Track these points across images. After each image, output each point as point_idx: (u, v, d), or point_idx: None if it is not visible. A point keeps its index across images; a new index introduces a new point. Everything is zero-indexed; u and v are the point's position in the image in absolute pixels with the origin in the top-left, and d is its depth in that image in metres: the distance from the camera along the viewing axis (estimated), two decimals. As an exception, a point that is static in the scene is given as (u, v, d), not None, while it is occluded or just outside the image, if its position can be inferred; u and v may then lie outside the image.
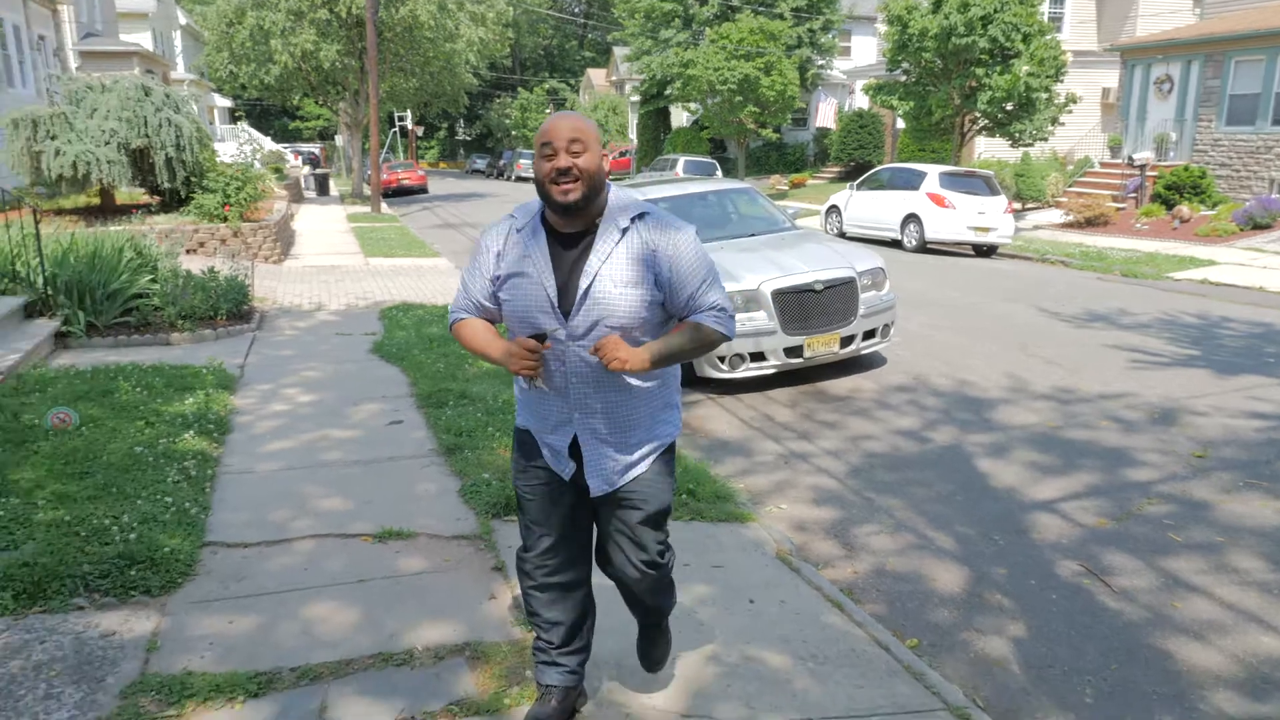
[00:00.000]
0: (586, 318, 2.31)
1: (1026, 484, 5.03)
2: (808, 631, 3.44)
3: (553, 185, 2.25)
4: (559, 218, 2.33)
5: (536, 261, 2.34)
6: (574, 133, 2.25)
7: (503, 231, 2.44)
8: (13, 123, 13.25)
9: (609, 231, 2.33)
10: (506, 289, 2.39)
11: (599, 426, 2.42)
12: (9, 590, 3.27)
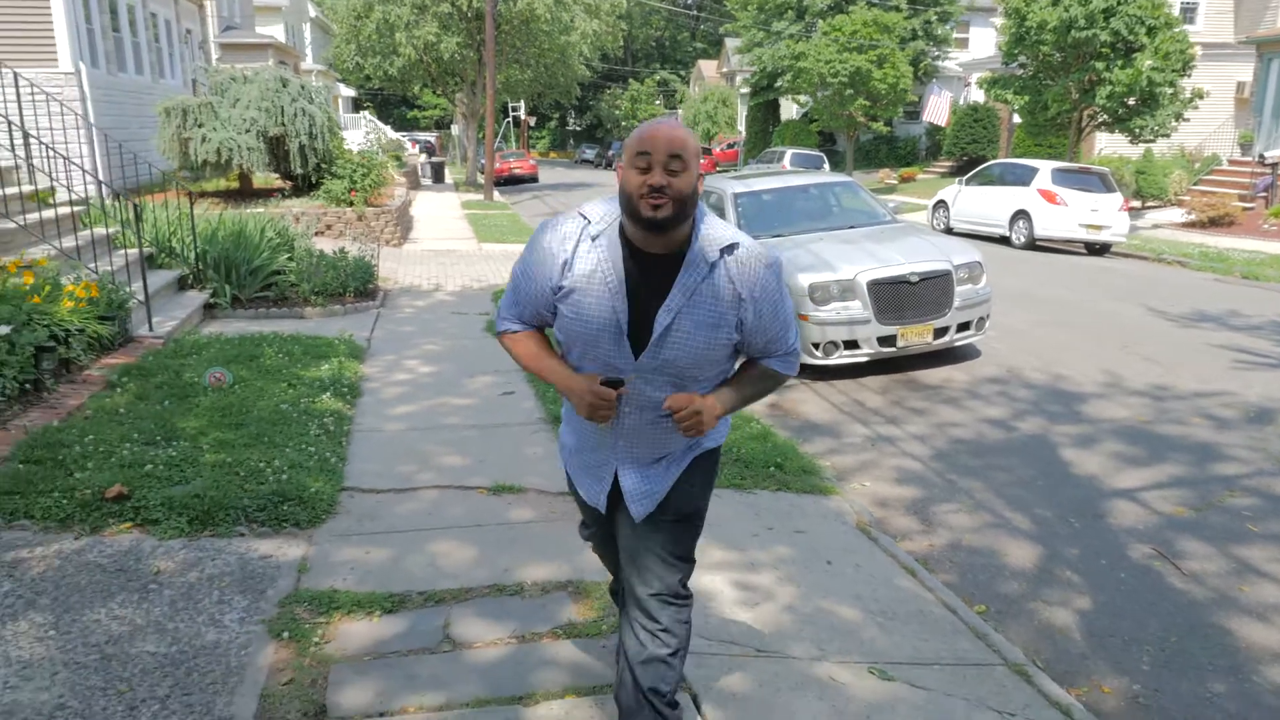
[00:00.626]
0: (659, 355, 2.11)
1: (1109, 473, 5.15)
2: (879, 592, 3.72)
3: (642, 200, 1.99)
4: (642, 234, 2.06)
5: (610, 281, 2.08)
6: (675, 147, 1.99)
7: (572, 235, 2.13)
8: (165, 111, 14.41)
9: (696, 265, 2.08)
10: (570, 304, 2.11)
11: (642, 453, 2.25)
12: (184, 516, 3.83)
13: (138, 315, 6.91)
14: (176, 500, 3.90)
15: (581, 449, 2.35)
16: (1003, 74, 20.20)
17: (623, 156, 2.06)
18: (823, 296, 6.89)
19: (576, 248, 2.11)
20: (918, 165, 33.90)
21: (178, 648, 2.94)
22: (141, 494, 3.94)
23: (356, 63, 31.36)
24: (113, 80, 15.22)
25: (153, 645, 2.94)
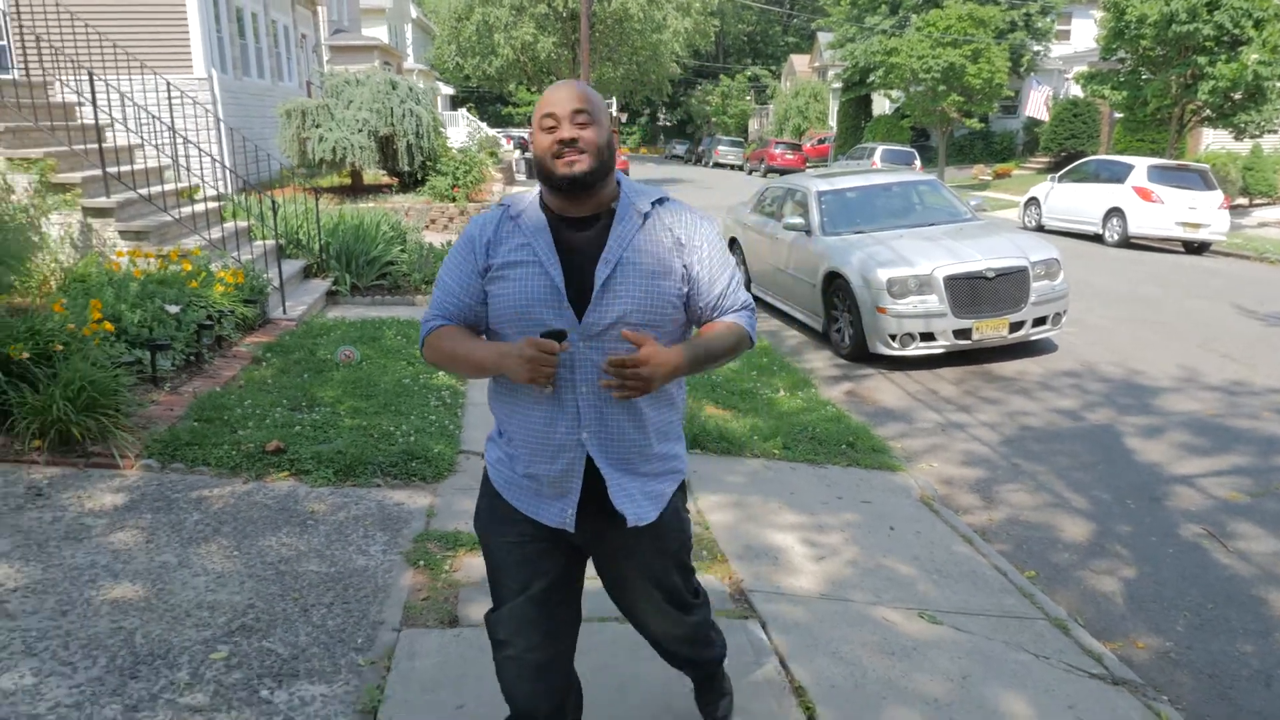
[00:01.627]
0: (605, 314, 1.91)
1: (1171, 461, 5.41)
2: (936, 554, 4.13)
3: (555, 159, 1.89)
4: (563, 200, 1.96)
5: (538, 247, 1.94)
6: (578, 102, 1.91)
7: (492, 219, 2.03)
8: (286, 113, 15.48)
9: (628, 215, 1.97)
10: (499, 282, 1.96)
11: (610, 449, 1.98)
12: (330, 468, 4.48)
13: (273, 300, 7.70)
14: (323, 455, 4.56)
15: (535, 463, 2.00)
16: (1101, 69, 19.89)
17: (531, 131, 2.00)
18: (900, 290, 7.24)
19: (498, 228, 2.00)
20: (1014, 161, 33.31)
21: (335, 569, 3.56)
22: (294, 449, 4.61)
23: (456, 62, 32.60)
24: (238, 84, 16.38)
25: (315, 566, 3.57)
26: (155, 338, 5.50)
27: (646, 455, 2.03)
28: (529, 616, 2.06)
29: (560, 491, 2.00)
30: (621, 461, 2.01)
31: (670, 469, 2.10)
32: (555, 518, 2.01)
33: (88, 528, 3.73)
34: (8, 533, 3.63)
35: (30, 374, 4.52)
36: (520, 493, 2.06)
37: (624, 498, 2.00)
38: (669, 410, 2.10)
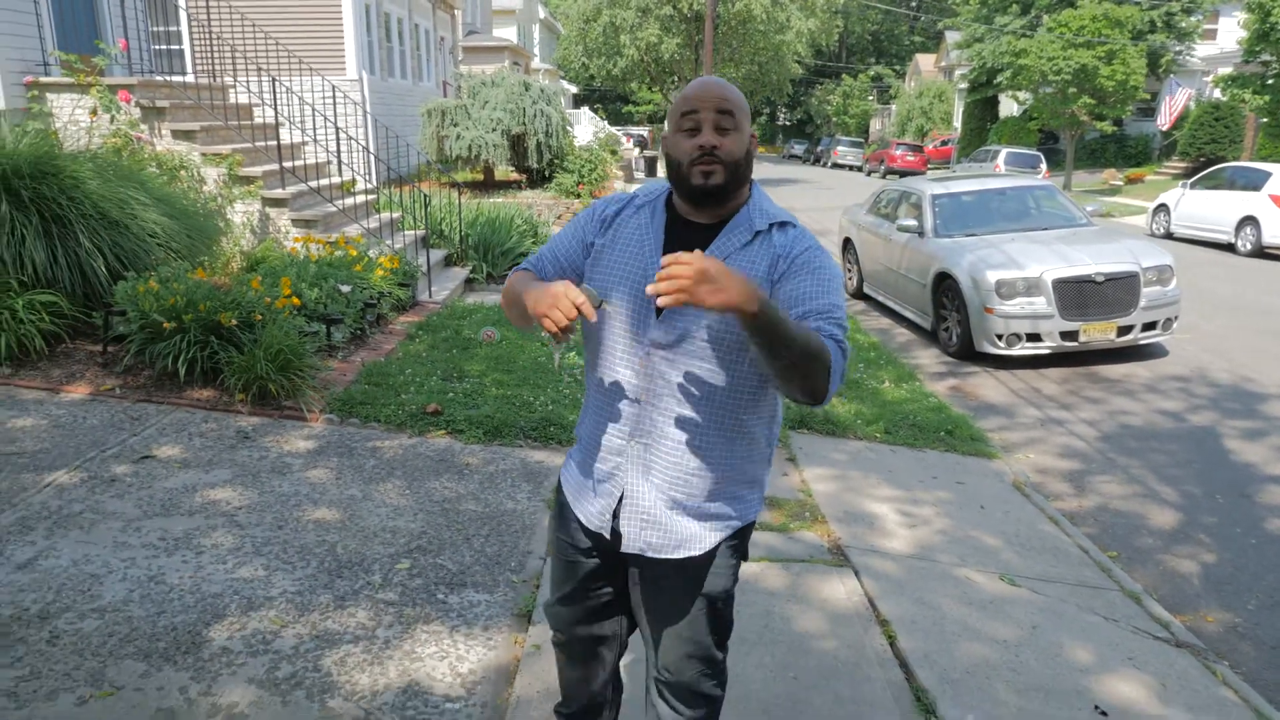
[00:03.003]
0: (677, 323, 1.84)
1: (1268, 462, 5.57)
2: (1022, 530, 4.50)
3: (693, 165, 1.82)
4: (690, 205, 1.90)
5: (646, 240, 1.90)
6: (724, 103, 1.82)
7: (620, 200, 2.00)
8: (426, 113, 16.55)
9: (739, 230, 1.89)
10: (600, 262, 1.94)
11: (653, 462, 1.92)
12: (481, 430, 5.15)
13: (421, 284, 8.52)
14: (474, 418, 5.24)
15: (589, 457, 2.01)
16: (1244, 71, 19.18)
17: (667, 125, 1.93)
18: (1008, 292, 7.50)
19: (620, 211, 1.98)
20: (1149, 166, 32.11)
21: (489, 510, 4.21)
22: (449, 412, 5.31)
23: (583, 63, 33.53)
24: (384, 85, 17.57)
25: (473, 506, 4.22)
26: (329, 313, 6.32)
27: (697, 488, 1.91)
28: (577, 617, 2.16)
29: (603, 492, 1.97)
30: (662, 486, 1.92)
31: (724, 516, 1.96)
32: (595, 519, 2.01)
33: (289, 465, 4.50)
34: (227, 465, 4.43)
35: (236, 338, 5.36)
36: (576, 488, 2.07)
37: (631, 516, 1.94)
38: (743, 445, 1.93)
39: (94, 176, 6.11)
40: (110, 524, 3.73)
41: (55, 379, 5.27)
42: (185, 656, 2.92)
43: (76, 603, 3.17)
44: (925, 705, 2.88)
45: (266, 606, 3.24)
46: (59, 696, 2.69)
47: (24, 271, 5.51)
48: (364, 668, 2.93)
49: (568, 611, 2.17)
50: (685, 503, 1.92)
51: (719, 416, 1.88)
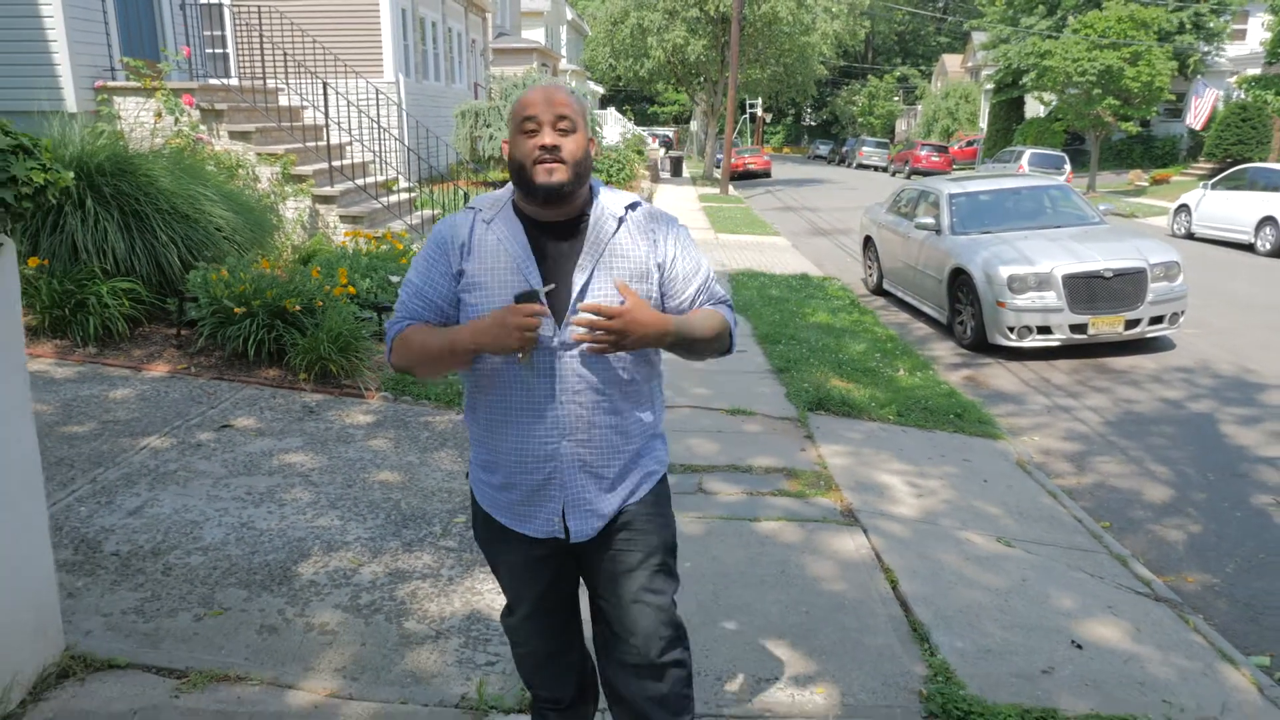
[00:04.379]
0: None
1: (1260, 445, 5.91)
2: (1022, 502, 4.89)
3: (536, 165, 1.87)
4: (538, 206, 1.94)
5: (514, 252, 1.93)
6: (560, 107, 1.88)
7: (465, 222, 2.00)
8: (460, 114, 17.10)
9: (604, 221, 1.98)
10: (476, 289, 1.94)
11: (587, 455, 2.00)
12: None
13: (460, 277, 9.00)
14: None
15: (515, 475, 2.02)
16: (1268, 74, 19.29)
17: (507, 131, 2.00)
18: (1020, 286, 7.86)
19: (471, 232, 1.98)
20: (1175, 167, 32.12)
21: (534, 475, 4.65)
22: (493, 391, 5.77)
23: (610, 64, 33.98)
24: (418, 87, 18.11)
25: (519, 472, 4.67)
26: (380, 301, 6.80)
27: (625, 461, 2.05)
28: (536, 623, 2.20)
29: (542, 500, 2.02)
30: (598, 472, 2.01)
31: (647, 470, 2.11)
32: (542, 528, 2.05)
33: (351, 435, 4.97)
34: (297, 434, 4.91)
35: (299, 323, 5.85)
36: (503, 509, 2.08)
37: (576, 511, 2.02)
38: (649, 410, 2.09)
39: (166, 174, 6.63)
40: (202, 481, 4.22)
41: (137, 358, 5.79)
42: (279, 586, 3.39)
43: (182, 543, 3.65)
44: (920, 635, 3.29)
45: (344, 549, 3.70)
46: (178, 614, 3.17)
47: (106, 261, 6.03)
48: (432, 599, 3.38)
49: (530, 625, 2.21)
50: (622, 475, 2.04)
51: (632, 392, 2.02)
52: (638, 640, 2.07)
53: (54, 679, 2.79)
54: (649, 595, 2.07)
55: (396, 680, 2.90)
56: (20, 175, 2.42)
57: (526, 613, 2.19)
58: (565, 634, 2.26)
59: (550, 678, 2.29)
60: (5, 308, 2.59)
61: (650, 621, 2.07)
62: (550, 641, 2.24)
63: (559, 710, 2.35)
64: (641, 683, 2.11)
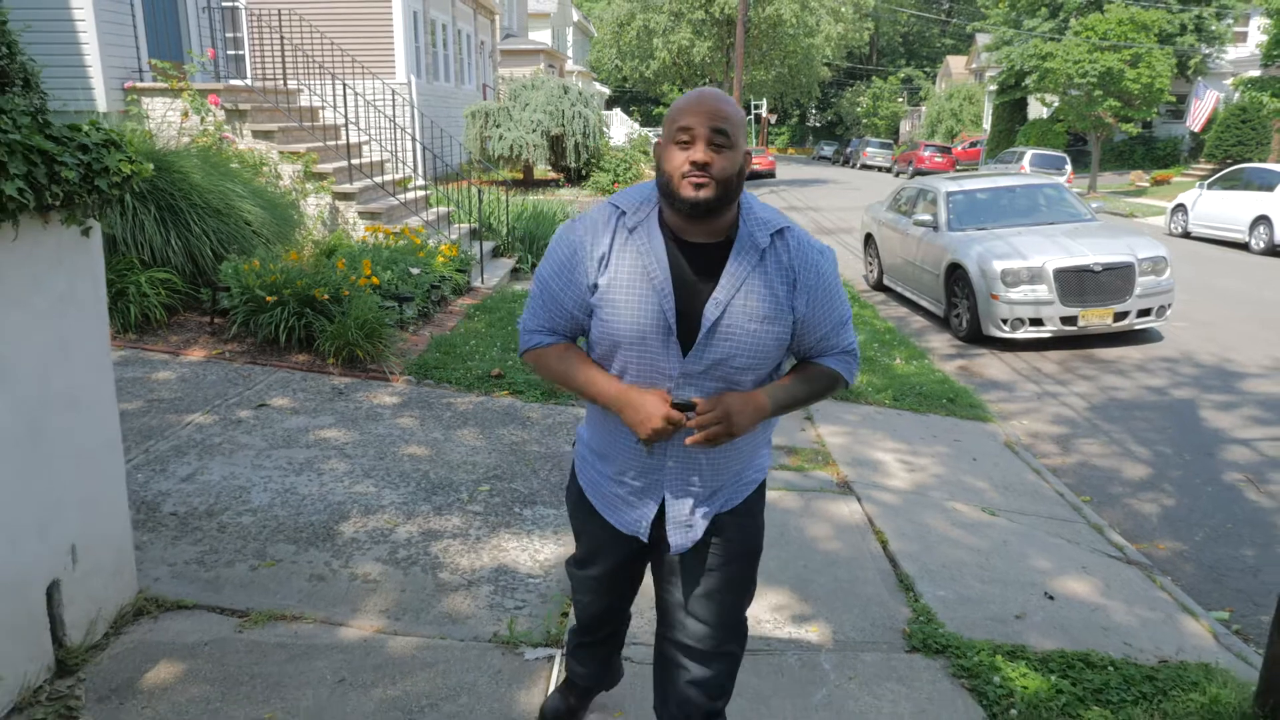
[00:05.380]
0: (709, 354, 1.89)
1: (1236, 428, 6.23)
2: (1007, 477, 5.22)
3: (683, 180, 1.81)
4: (683, 221, 1.88)
5: (654, 276, 1.87)
6: (720, 120, 1.81)
7: (607, 228, 1.93)
8: (471, 115, 17.46)
9: (746, 251, 1.90)
10: (610, 305, 1.89)
11: (694, 480, 2.02)
12: (538, 390, 5.94)
13: (474, 272, 9.34)
14: (532, 381, 6.03)
15: (621, 474, 2.06)
16: (1264, 76, 19.58)
17: (662, 132, 1.89)
18: (1013, 280, 8.19)
19: (613, 241, 1.91)
20: (1176, 168, 32.38)
21: (549, 450, 4.98)
22: (510, 376, 6.11)
23: (616, 65, 34.39)
24: (429, 88, 18.47)
25: (536, 448, 5.01)
26: (401, 292, 7.15)
27: (734, 477, 2.07)
28: (600, 585, 2.32)
29: (639, 503, 2.06)
30: (699, 490, 2.03)
31: (747, 479, 2.11)
32: (630, 526, 2.10)
33: (380, 414, 5.31)
34: (329, 413, 5.25)
35: (327, 311, 6.20)
36: (601, 496, 2.13)
37: (676, 528, 2.05)
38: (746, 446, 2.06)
39: (197, 171, 6.98)
40: (245, 452, 4.56)
41: (174, 344, 6.14)
42: (324, 543, 3.73)
43: (232, 505, 3.99)
44: (906, 585, 3.62)
45: (380, 512, 4.04)
46: (235, 564, 3.51)
47: (144, 252, 6.38)
48: (463, 554, 3.72)
49: (593, 584, 2.31)
50: (725, 491, 2.06)
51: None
52: (699, 630, 2.08)
53: (130, 616, 3.13)
54: (721, 596, 2.09)
55: (434, 620, 3.23)
56: (112, 166, 2.76)
57: (594, 575, 2.28)
58: (623, 599, 2.38)
59: (594, 621, 2.44)
60: (93, 282, 2.93)
61: (717, 618, 2.09)
62: (606, 602, 2.37)
63: (587, 646, 2.52)
64: (689, 665, 2.11)
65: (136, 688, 2.76)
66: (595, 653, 2.56)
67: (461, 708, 2.73)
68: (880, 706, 2.81)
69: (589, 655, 2.56)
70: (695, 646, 2.10)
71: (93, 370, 2.93)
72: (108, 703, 2.69)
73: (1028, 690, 2.89)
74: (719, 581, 2.09)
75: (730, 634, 2.13)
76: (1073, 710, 2.83)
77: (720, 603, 2.09)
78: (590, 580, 2.30)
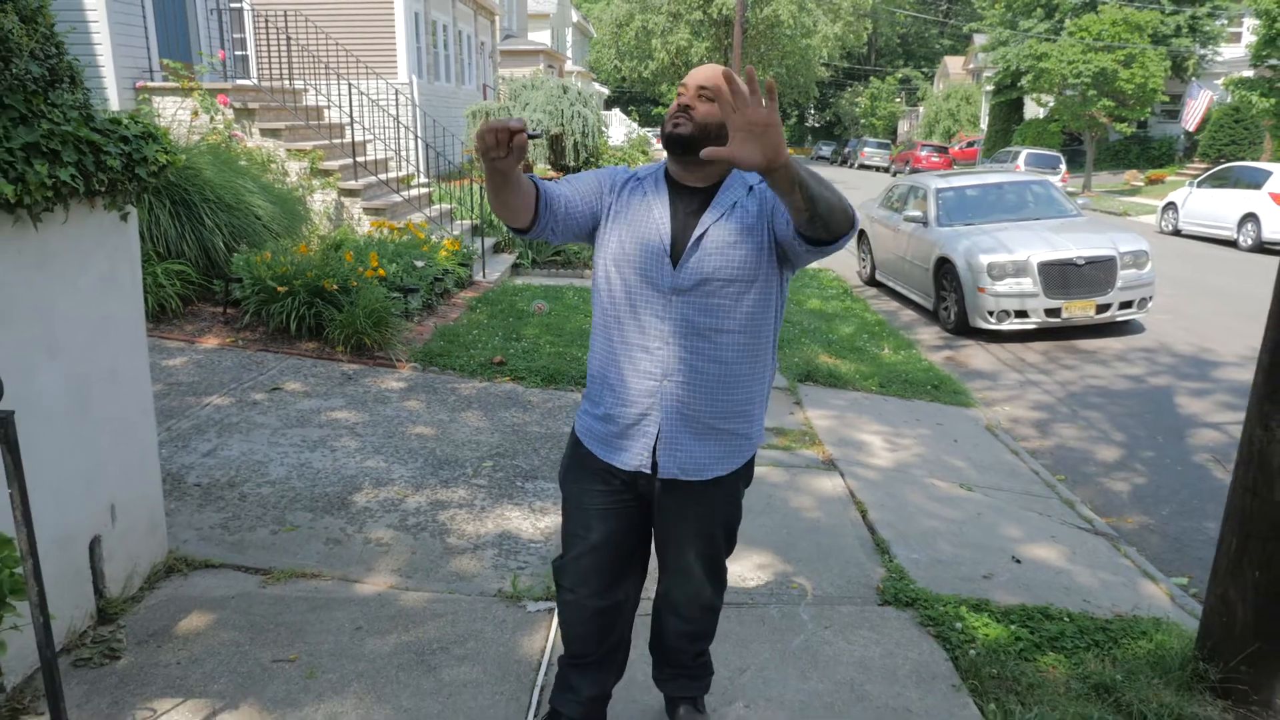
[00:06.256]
0: (697, 270, 2.11)
1: (1208, 412, 6.49)
2: (986, 457, 5.48)
3: (669, 119, 2.13)
4: (679, 167, 2.17)
5: (654, 206, 2.17)
6: (709, 81, 2.10)
7: (627, 174, 2.28)
8: (471, 114, 17.69)
9: (733, 187, 2.18)
10: (614, 225, 2.19)
11: (686, 397, 2.15)
12: (539, 376, 6.19)
13: (475, 266, 9.60)
14: (533, 368, 6.29)
15: (617, 407, 2.20)
16: (1264, 74, 19.85)
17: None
18: (999, 273, 8.45)
19: (628, 183, 2.25)
20: (1171, 167, 32.66)
21: (549, 431, 5.24)
22: (512, 364, 6.36)
23: (615, 65, 34.65)
24: (430, 88, 18.71)
25: (537, 429, 5.27)
26: (406, 284, 7.40)
27: (723, 412, 2.18)
28: (593, 567, 2.31)
29: (638, 434, 2.18)
30: (694, 416, 2.16)
31: (739, 440, 2.23)
32: (629, 461, 2.20)
33: (388, 397, 5.57)
34: (339, 396, 5.51)
35: (336, 301, 6.45)
36: (599, 440, 2.24)
37: (669, 449, 2.17)
38: (759, 367, 2.20)
39: (209, 168, 7.24)
40: (261, 431, 4.82)
41: (189, 332, 6.39)
42: (339, 511, 3.99)
43: (252, 478, 4.25)
44: (882, 549, 3.88)
45: (390, 484, 4.30)
46: (257, 529, 3.77)
47: (159, 245, 6.63)
48: (469, 522, 3.98)
49: (581, 566, 2.31)
50: (716, 425, 2.17)
51: (739, 344, 2.14)
52: (691, 587, 2.37)
53: (162, 573, 3.39)
54: (710, 554, 2.34)
55: (443, 578, 3.49)
56: (150, 156, 3.01)
57: (581, 551, 2.29)
58: (617, 590, 2.35)
59: (588, 633, 2.37)
60: (130, 264, 3.19)
61: (706, 573, 2.36)
62: (602, 592, 2.32)
63: (583, 668, 2.43)
64: (680, 616, 2.43)
65: (172, 633, 3.02)
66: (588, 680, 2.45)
67: (470, 651, 2.99)
68: (852, 650, 3.07)
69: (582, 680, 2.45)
70: (684, 603, 2.41)
71: (130, 346, 3.19)
72: (146, 645, 2.94)
73: (989, 637, 3.15)
74: (707, 545, 2.33)
75: (714, 592, 2.42)
76: (1029, 654, 3.09)
77: (705, 567, 2.35)
78: (577, 561, 2.31)
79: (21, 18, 2.56)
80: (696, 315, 2.11)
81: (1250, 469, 2.93)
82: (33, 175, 2.47)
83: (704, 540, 2.32)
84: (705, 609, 2.43)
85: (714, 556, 2.36)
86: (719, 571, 2.41)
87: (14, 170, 2.44)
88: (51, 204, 2.64)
